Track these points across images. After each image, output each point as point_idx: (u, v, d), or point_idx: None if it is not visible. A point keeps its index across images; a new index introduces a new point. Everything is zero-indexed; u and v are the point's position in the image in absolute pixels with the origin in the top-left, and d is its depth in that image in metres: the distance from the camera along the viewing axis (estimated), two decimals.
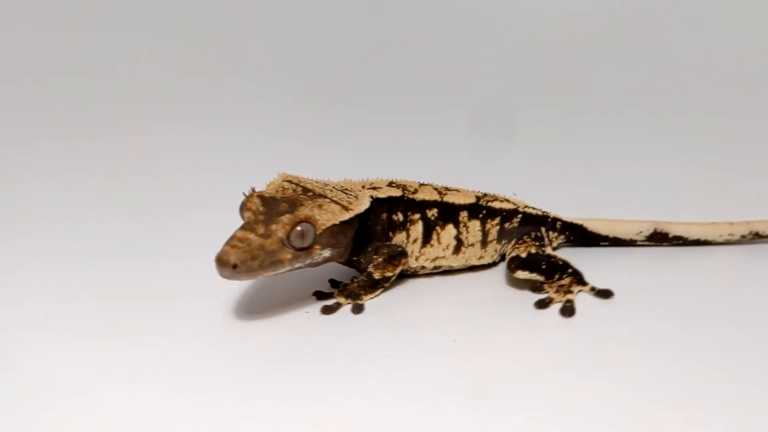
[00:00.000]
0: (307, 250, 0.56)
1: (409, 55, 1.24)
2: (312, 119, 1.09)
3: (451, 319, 0.58)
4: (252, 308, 0.60)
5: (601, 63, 1.21)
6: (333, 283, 0.63)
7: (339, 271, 0.64)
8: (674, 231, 0.67)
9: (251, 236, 0.54)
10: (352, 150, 0.97)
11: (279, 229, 0.54)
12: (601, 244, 0.68)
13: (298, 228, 0.55)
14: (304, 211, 0.55)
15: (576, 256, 0.65)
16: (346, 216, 0.57)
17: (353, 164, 0.68)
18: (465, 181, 0.68)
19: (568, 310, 0.59)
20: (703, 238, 0.68)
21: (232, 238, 0.54)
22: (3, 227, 0.73)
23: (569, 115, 1.10)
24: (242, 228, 0.55)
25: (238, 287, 0.61)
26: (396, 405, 0.49)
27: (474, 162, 0.93)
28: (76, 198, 0.82)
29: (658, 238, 0.68)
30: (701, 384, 0.51)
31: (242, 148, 0.98)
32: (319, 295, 0.61)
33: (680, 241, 0.68)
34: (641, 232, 0.67)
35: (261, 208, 0.56)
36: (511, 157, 0.96)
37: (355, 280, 0.62)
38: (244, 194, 0.57)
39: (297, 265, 0.56)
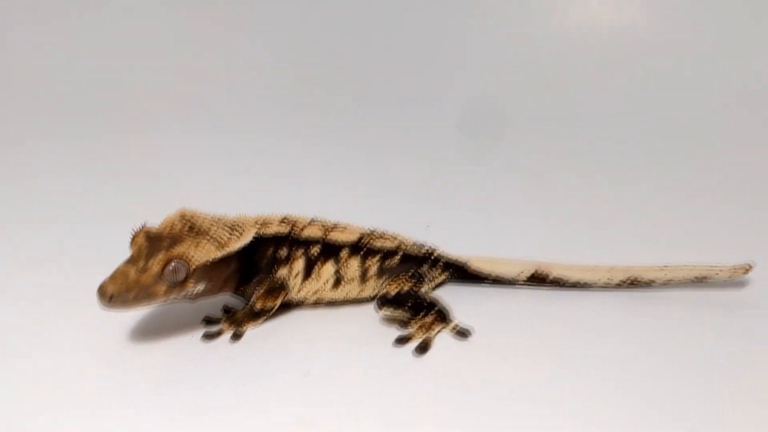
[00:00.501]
0: (181, 284, 0.62)
1: (396, 57, 1.28)
2: (297, 126, 1.15)
3: (312, 351, 0.63)
4: (138, 332, 0.67)
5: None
6: (225, 309, 0.69)
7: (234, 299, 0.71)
8: (554, 273, 0.70)
9: (131, 270, 0.61)
10: (341, 154, 1.02)
11: (154, 265, 0.61)
12: (484, 282, 0.72)
13: (171, 265, 0.61)
14: (179, 249, 0.62)
15: (457, 292, 0.70)
16: (219, 254, 0.63)
17: (342, 168, 0.72)
18: (453, 183, 0.72)
19: (422, 348, 0.63)
20: (582, 281, 0.70)
21: (115, 271, 0.61)
22: None
23: (559, 121, 1.13)
24: (126, 262, 0.62)
25: (131, 315, 0.69)
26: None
27: (461, 164, 0.97)
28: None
29: (538, 279, 0.71)
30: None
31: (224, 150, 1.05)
32: (208, 321, 0.68)
33: (560, 283, 0.71)
34: (522, 272, 0.71)
35: (145, 244, 0.62)
36: (498, 159, 1.01)
37: (243, 308, 0.68)
38: (133, 231, 0.64)
39: (172, 298, 0.62)
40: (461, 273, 0.72)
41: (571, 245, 0.79)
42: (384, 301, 0.66)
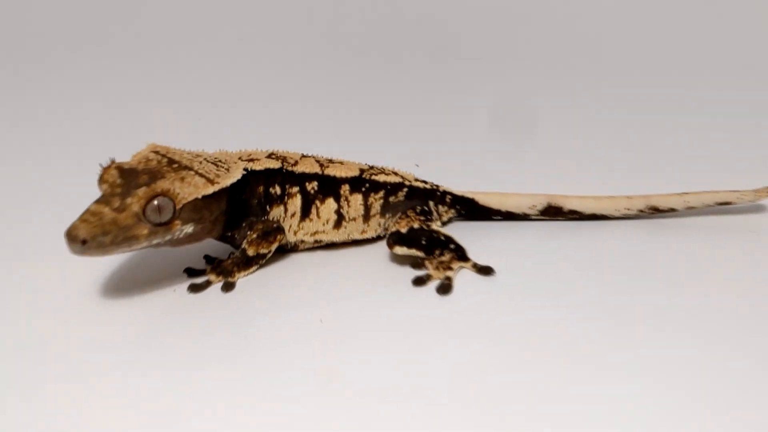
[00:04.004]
0: (165, 225, 0.53)
1: (428, 52, 1.18)
2: (329, 115, 1.01)
3: (323, 297, 0.56)
4: (118, 285, 0.57)
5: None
6: (208, 259, 0.60)
7: (216, 247, 0.62)
8: (569, 205, 0.65)
9: (105, 210, 0.51)
10: (371, 147, 0.92)
11: (134, 203, 0.51)
12: (494, 218, 0.66)
13: (155, 202, 0.52)
14: (162, 184, 0.52)
15: (466, 231, 0.63)
16: (210, 190, 0.54)
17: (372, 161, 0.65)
18: (483, 178, 0.67)
19: (444, 288, 0.56)
20: (599, 212, 0.65)
21: (85, 212, 0.52)
22: None
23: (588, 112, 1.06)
24: (97, 201, 0.52)
25: (102, 261, 0.59)
26: (250, 390, 0.47)
27: (493, 160, 0.86)
28: None
29: (553, 213, 0.65)
30: (577, 370, 0.48)
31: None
32: (190, 272, 0.58)
33: (576, 216, 0.65)
34: (535, 205, 0.65)
35: (118, 181, 0.53)
36: (531, 154, 0.89)
37: (230, 257, 0.59)
38: (101, 165, 0.54)
39: (156, 241, 0.53)
40: (470, 209, 0.65)
41: (581, 179, 0.74)
42: (396, 239, 0.59)
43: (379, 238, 0.63)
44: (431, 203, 0.64)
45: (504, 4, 1.18)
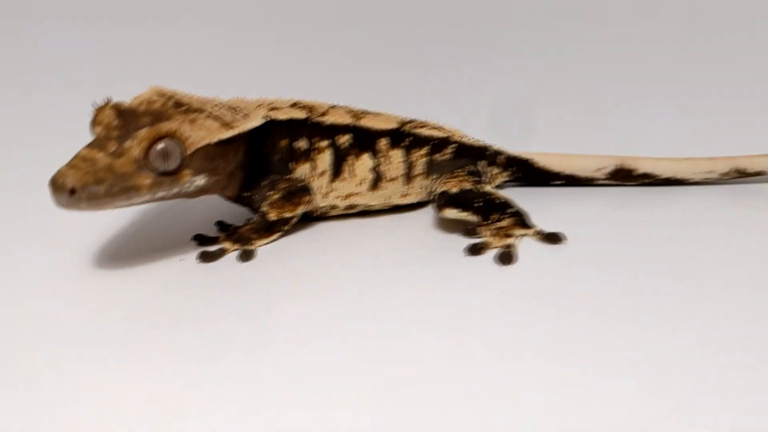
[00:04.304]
0: (173, 174, 0.44)
1: (429, 47, 1.10)
2: None
3: (361, 268, 0.47)
4: (115, 253, 0.48)
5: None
6: (221, 226, 0.51)
7: (231, 211, 0.52)
8: (642, 167, 0.56)
9: (98, 155, 0.42)
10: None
11: (135, 147, 0.42)
12: (554, 183, 0.57)
13: (160, 145, 0.43)
14: (168, 125, 0.43)
15: (522, 197, 0.54)
16: (226, 134, 0.45)
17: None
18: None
19: (506, 257, 0.47)
20: (676, 176, 0.56)
21: (75, 157, 0.42)
22: None
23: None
24: (89, 145, 0.43)
25: (94, 225, 0.50)
26: (280, 375, 0.37)
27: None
28: None
29: (622, 176, 0.56)
30: (663, 350, 0.39)
31: None
32: (201, 240, 0.49)
33: (649, 180, 0.57)
34: (601, 168, 0.56)
35: (115, 122, 0.44)
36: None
37: (248, 222, 0.50)
38: (94, 106, 0.45)
39: (160, 194, 0.44)
40: (525, 171, 0.56)
41: (654, 139, 0.65)
42: (447, 200, 0.50)
43: (419, 204, 0.54)
44: (482, 163, 0.54)
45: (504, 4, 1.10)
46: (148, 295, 0.45)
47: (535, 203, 0.54)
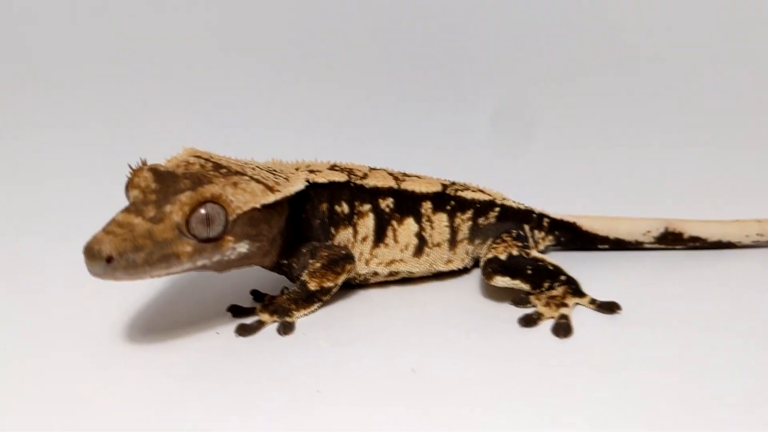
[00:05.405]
0: (215, 241, 0.41)
1: (430, 52, 1.09)
2: (328, 117, 0.94)
3: (409, 342, 0.44)
4: (146, 325, 0.45)
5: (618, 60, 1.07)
6: (256, 295, 0.48)
7: (265, 279, 0.50)
8: (690, 231, 0.54)
9: (136, 220, 0.40)
10: (373, 148, 0.83)
11: (175, 211, 0.40)
12: (600, 247, 0.55)
13: (202, 210, 0.40)
14: (211, 189, 0.41)
15: (568, 262, 0.52)
16: (272, 198, 0.42)
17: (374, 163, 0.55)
18: (485, 178, 0.55)
19: (563, 328, 0.44)
20: (725, 239, 0.54)
21: (110, 222, 0.40)
22: None
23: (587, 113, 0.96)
24: (125, 210, 0.40)
25: (125, 295, 0.47)
26: None
27: (494, 159, 0.80)
28: None
29: (671, 240, 0.54)
30: (728, 416, 0.37)
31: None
32: (236, 311, 0.46)
33: (698, 243, 0.55)
34: (649, 231, 0.54)
35: (153, 185, 0.41)
36: (530, 154, 0.83)
37: (286, 292, 0.47)
38: (131, 168, 0.42)
39: (201, 263, 0.41)
40: (571, 235, 0.54)
41: (695, 201, 0.63)
42: (496, 267, 0.47)
43: (464, 270, 0.52)
44: (527, 227, 0.52)
45: (505, 4, 1.09)
46: (182, 370, 0.41)
47: (581, 268, 0.51)
